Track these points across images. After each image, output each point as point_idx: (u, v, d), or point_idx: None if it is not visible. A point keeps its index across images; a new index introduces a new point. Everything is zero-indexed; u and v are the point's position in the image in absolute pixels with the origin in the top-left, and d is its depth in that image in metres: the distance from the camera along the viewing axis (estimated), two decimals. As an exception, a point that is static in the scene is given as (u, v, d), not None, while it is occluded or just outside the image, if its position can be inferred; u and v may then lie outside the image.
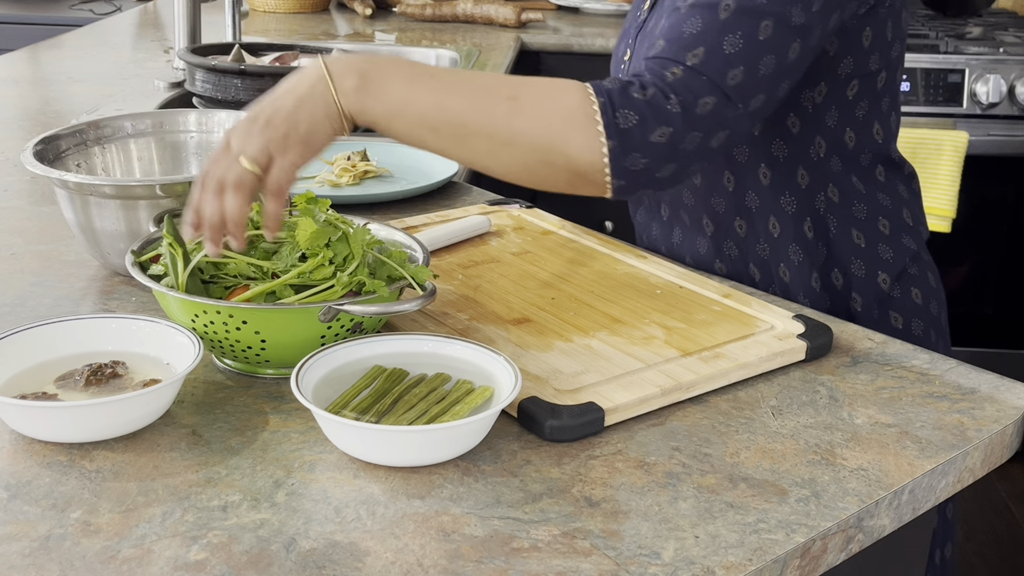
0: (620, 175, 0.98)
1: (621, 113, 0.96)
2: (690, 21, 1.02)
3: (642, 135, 0.96)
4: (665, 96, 0.97)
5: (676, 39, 1.02)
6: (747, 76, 1.01)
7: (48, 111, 1.92)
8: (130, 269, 0.96)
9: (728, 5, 1.01)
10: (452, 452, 0.83)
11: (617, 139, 0.96)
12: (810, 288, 1.23)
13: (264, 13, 3.10)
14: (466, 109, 0.96)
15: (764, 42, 1.01)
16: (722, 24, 1.01)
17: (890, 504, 0.82)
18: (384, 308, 0.90)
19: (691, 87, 0.99)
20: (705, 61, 1.00)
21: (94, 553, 0.71)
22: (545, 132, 0.96)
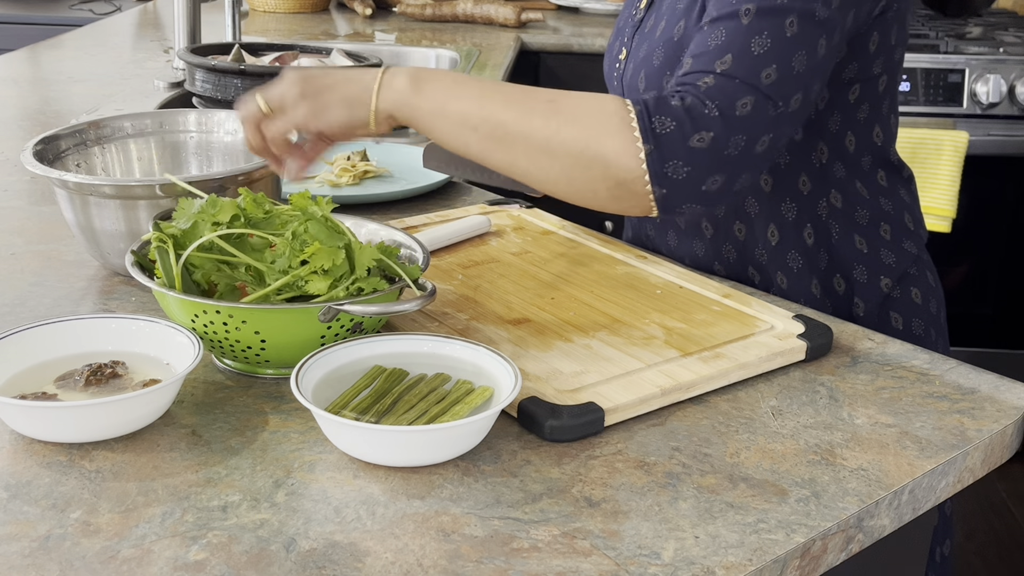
0: (661, 182, 0.96)
1: (657, 119, 0.96)
2: (713, 34, 1.02)
3: (681, 140, 0.96)
4: (702, 102, 0.97)
5: (702, 53, 1.01)
6: (781, 74, 0.99)
7: (48, 111, 1.92)
8: (130, 269, 0.96)
9: (748, 10, 1.01)
10: (452, 452, 0.83)
11: (654, 143, 0.96)
12: (810, 294, 1.23)
13: (264, 13, 3.10)
14: (505, 109, 0.98)
15: (792, 38, 1.00)
16: (746, 28, 1.00)
17: (890, 504, 0.82)
18: (384, 308, 0.90)
19: (726, 91, 0.98)
20: (735, 65, 0.99)
21: (94, 553, 0.71)
22: (581, 134, 0.97)
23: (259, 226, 0.96)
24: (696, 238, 1.27)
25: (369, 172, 1.51)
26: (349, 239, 0.94)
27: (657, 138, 0.96)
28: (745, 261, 1.25)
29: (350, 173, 1.49)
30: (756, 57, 0.99)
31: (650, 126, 0.96)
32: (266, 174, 1.15)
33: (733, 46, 1.00)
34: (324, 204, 0.96)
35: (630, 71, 1.24)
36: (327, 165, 1.53)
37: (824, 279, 1.23)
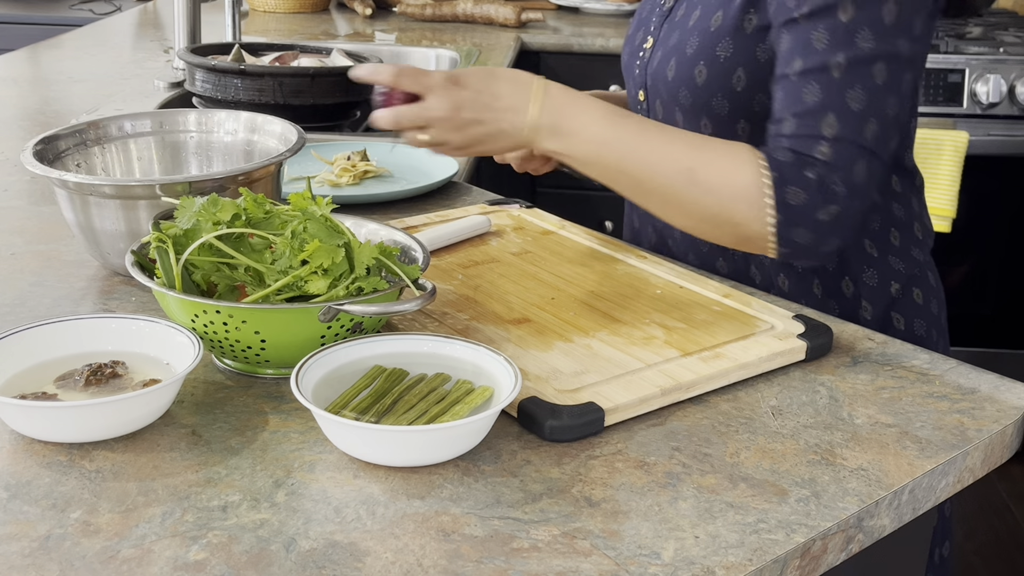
0: (786, 245, 1.04)
1: (791, 189, 1.02)
2: (807, 89, 1.04)
3: (810, 212, 1.02)
4: (830, 176, 1.02)
5: (803, 113, 1.05)
6: (880, 126, 1.04)
7: (48, 111, 1.92)
8: (130, 269, 0.95)
9: (839, 63, 1.03)
10: (452, 452, 0.82)
11: (785, 214, 1.02)
12: (811, 295, 1.23)
13: (264, 13, 3.10)
14: (645, 172, 1.05)
15: (883, 86, 1.04)
16: (839, 83, 1.03)
17: (890, 504, 0.82)
18: (384, 308, 0.90)
19: (843, 157, 1.03)
20: (841, 127, 1.03)
21: (94, 553, 0.71)
22: (716, 203, 1.04)
23: (259, 226, 0.96)
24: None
25: (369, 172, 1.51)
26: (348, 238, 0.94)
27: (788, 209, 1.02)
28: (749, 259, 1.25)
29: (350, 173, 1.49)
30: (856, 114, 1.03)
31: (783, 197, 1.02)
32: (266, 174, 1.15)
33: (832, 104, 1.03)
34: (323, 204, 0.96)
35: (657, 59, 1.24)
36: (327, 165, 1.53)
37: (831, 281, 1.22)
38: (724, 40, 1.15)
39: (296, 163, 1.54)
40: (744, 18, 1.13)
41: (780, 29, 1.08)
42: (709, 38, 1.16)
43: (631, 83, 1.34)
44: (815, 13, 1.04)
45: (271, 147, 1.26)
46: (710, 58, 1.16)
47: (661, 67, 1.23)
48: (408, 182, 1.49)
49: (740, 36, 1.14)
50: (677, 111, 1.22)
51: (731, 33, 1.14)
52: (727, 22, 1.15)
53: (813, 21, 1.05)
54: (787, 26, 1.07)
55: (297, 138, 1.21)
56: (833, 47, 1.03)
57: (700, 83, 1.17)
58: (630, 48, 1.35)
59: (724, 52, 1.15)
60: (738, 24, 1.14)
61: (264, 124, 1.29)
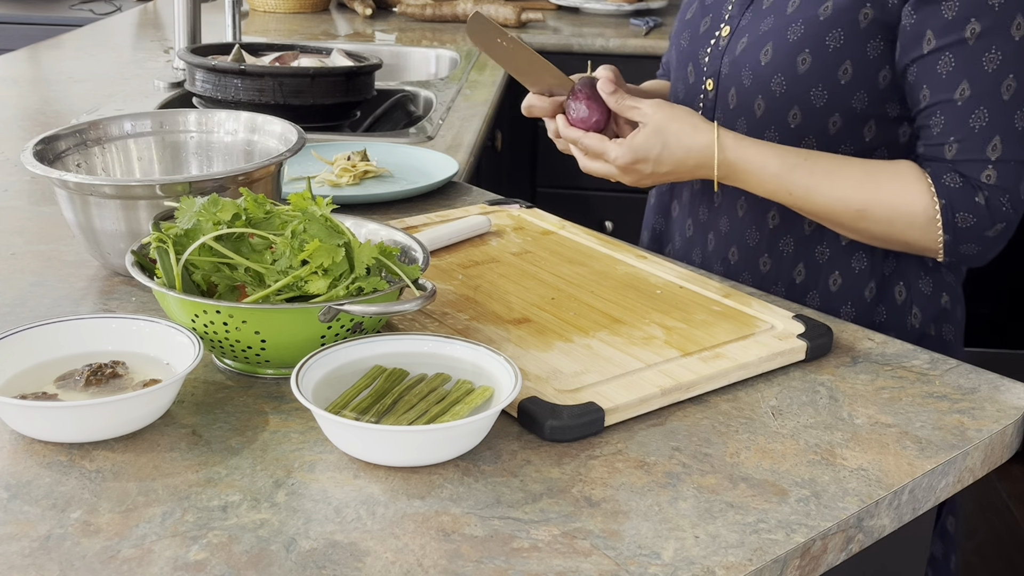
0: (952, 256, 1.13)
1: (960, 215, 1.09)
2: (976, 114, 1.08)
3: (978, 231, 1.10)
4: (998, 199, 1.09)
5: (968, 137, 1.09)
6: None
7: (48, 111, 1.92)
8: (130, 269, 0.96)
9: (1010, 85, 1.07)
10: (452, 452, 0.83)
11: (952, 234, 1.10)
12: (860, 297, 1.22)
13: (264, 13, 3.10)
14: (818, 212, 1.15)
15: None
16: (1008, 105, 1.07)
17: (890, 504, 0.82)
18: (384, 308, 0.90)
19: (1008, 179, 1.09)
20: (1006, 149, 1.08)
21: (94, 553, 0.71)
22: (889, 233, 1.14)
23: (259, 226, 0.96)
24: (754, 226, 1.27)
25: (369, 172, 1.51)
26: (348, 238, 0.94)
27: (957, 231, 1.10)
28: (799, 256, 1.24)
29: (350, 173, 1.49)
30: (1022, 133, 1.08)
31: (952, 220, 1.10)
32: (266, 174, 1.15)
33: (998, 127, 1.08)
34: (323, 204, 0.96)
35: (742, 46, 1.22)
36: (327, 165, 1.53)
37: (885, 285, 1.22)
38: (835, 30, 1.14)
39: (296, 163, 1.54)
40: (859, 11, 1.12)
41: (943, 50, 1.09)
42: (818, 27, 1.15)
43: (694, 71, 1.30)
44: (988, 32, 1.06)
45: (271, 147, 1.26)
46: (817, 47, 1.15)
47: (749, 54, 1.20)
48: (408, 182, 1.49)
49: (853, 28, 1.13)
50: (760, 99, 1.20)
51: (843, 24, 1.13)
52: (839, 12, 1.13)
53: (985, 40, 1.06)
54: (952, 48, 1.08)
55: (297, 138, 1.21)
56: (1005, 68, 1.06)
57: (802, 71, 1.16)
58: (691, 33, 1.31)
59: (833, 43, 1.14)
60: (852, 16, 1.13)
61: (264, 124, 1.29)
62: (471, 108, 2.04)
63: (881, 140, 1.18)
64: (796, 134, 1.18)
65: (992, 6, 1.06)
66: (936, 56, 1.09)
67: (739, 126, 1.22)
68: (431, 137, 1.82)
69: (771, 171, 1.13)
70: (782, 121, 1.18)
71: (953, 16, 1.07)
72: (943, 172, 1.10)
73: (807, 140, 1.18)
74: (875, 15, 1.12)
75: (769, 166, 1.13)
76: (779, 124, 1.19)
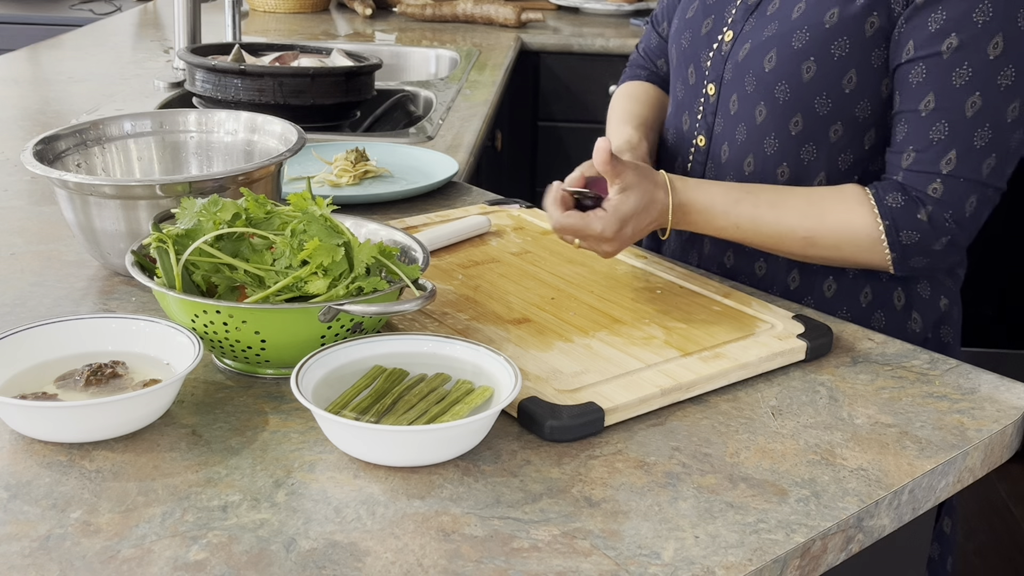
0: (903, 271, 1.14)
1: (904, 233, 1.10)
2: (936, 127, 1.08)
3: (924, 246, 1.11)
4: (941, 214, 1.09)
5: (926, 148, 1.09)
6: (1000, 159, 1.08)
7: (48, 111, 1.92)
8: (130, 269, 0.96)
9: (975, 103, 1.06)
10: (452, 452, 0.83)
11: (900, 252, 1.11)
12: (856, 302, 1.22)
13: (264, 13, 3.10)
14: (768, 244, 1.15)
15: (1013, 123, 1.07)
16: (969, 122, 1.07)
17: (890, 504, 0.82)
18: (384, 308, 0.90)
19: (956, 196, 1.09)
20: (959, 165, 1.08)
21: (94, 553, 0.71)
22: (835, 255, 1.15)
23: (260, 226, 0.96)
24: None
25: (369, 172, 1.51)
26: (348, 238, 0.94)
27: (904, 248, 1.11)
28: (794, 262, 1.23)
29: (350, 173, 1.49)
30: (978, 151, 1.07)
31: (897, 239, 1.11)
32: (266, 174, 1.15)
33: (956, 142, 1.07)
34: (323, 204, 0.96)
35: (745, 52, 1.20)
36: (327, 165, 1.53)
37: (882, 290, 1.22)
38: (841, 38, 1.13)
39: (296, 163, 1.54)
40: (866, 19, 1.12)
41: (917, 61, 1.08)
42: (823, 34, 1.14)
43: (695, 73, 1.29)
44: (963, 47, 1.06)
45: (271, 147, 1.26)
46: (822, 55, 1.14)
47: (753, 59, 1.19)
48: (408, 182, 1.49)
49: (859, 37, 1.12)
50: (763, 106, 1.19)
51: (850, 32, 1.13)
52: (846, 21, 1.12)
53: (959, 55, 1.06)
54: (927, 60, 1.08)
55: (297, 138, 1.21)
56: (972, 85, 1.06)
57: (807, 79, 1.15)
58: (692, 34, 1.30)
59: (839, 51, 1.13)
60: (859, 24, 1.12)
61: (264, 124, 1.29)
62: (471, 108, 2.04)
63: (881, 148, 1.17)
64: (797, 141, 1.18)
65: (975, 23, 1.05)
66: (911, 66, 1.09)
67: (739, 132, 1.22)
68: (431, 137, 1.82)
69: (718, 208, 1.13)
70: (783, 128, 1.18)
71: (936, 29, 1.07)
72: (887, 192, 1.10)
73: (807, 147, 1.18)
74: (881, 24, 1.11)
75: (715, 204, 1.13)
76: (780, 131, 1.18)
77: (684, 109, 1.31)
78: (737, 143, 1.22)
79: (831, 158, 1.18)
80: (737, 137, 1.22)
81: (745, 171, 1.22)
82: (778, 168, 1.20)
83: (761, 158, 1.20)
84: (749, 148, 1.21)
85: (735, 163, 1.23)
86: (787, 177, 1.20)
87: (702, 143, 1.27)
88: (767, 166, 1.20)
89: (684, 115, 1.30)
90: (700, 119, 1.28)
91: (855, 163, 1.18)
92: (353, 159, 1.51)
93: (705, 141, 1.27)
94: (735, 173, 1.23)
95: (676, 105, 1.33)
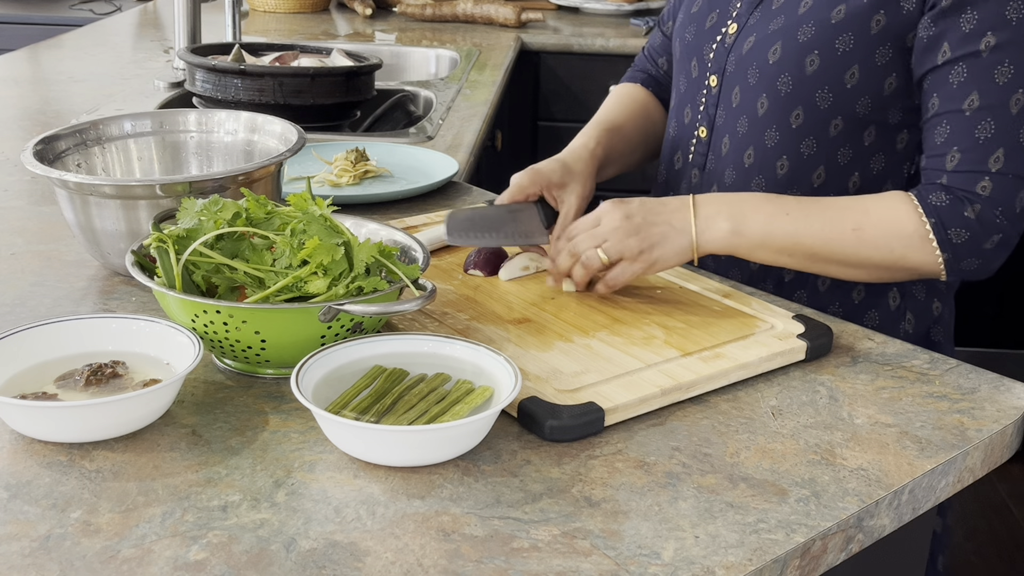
0: (956, 275, 1.11)
1: (953, 231, 1.08)
2: (982, 125, 1.07)
3: (975, 245, 1.09)
4: (991, 211, 1.08)
5: (972, 147, 1.08)
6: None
7: (48, 111, 1.92)
8: (130, 269, 0.96)
9: (1019, 99, 1.06)
10: (452, 452, 0.83)
11: (951, 252, 1.09)
12: (848, 298, 1.22)
13: (264, 13, 3.10)
14: (816, 242, 1.09)
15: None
16: (1015, 119, 1.06)
17: (890, 504, 0.82)
18: (384, 308, 0.90)
19: (1005, 193, 1.08)
20: (1008, 162, 1.07)
21: (94, 553, 0.71)
22: (887, 256, 1.10)
23: (260, 227, 0.96)
24: None
25: (369, 172, 1.51)
26: (347, 238, 0.94)
27: (954, 248, 1.08)
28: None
29: (350, 173, 1.49)
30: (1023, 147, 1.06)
31: (947, 237, 1.08)
32: (266, 174, 1.15)
33: (1003, 139, 1.07)
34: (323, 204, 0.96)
35: (749, 44, 1.21)
36: (327, 165, 1.53)
37: (876, 291, 1.22)
38: (845, 34, 1.13)
39: (296, 163, 1.54)
40: (872, 17, 1.12)
41: (956, 62, 1.08)
42: (829, 29, 1.14)
43: (697, 66, 1.29)
44: (1002, 45, 1.06)
45: (271, 147, 1.26)
46: (827, 50, 1.14)
47: (757, 52, 1.20)
48: (408, 182, 1.49)
49: (864, 34, 1.13)
50: (765, 98, 1.19)
51: (855, 29, 1.13)
52: (852, 17, 1.13)
53: (999, 54, 1.06)
54: (966, 59, 1.07)
55: (297, 138, 1.21)
56: (1015, 82, 1.06)
57: (809, 72, 1.16)
58: (697, 27, 1.30)
59: (843, 46, 1.14)
60: (864, 21, 1.12)
61: (264, 124, 1.29)
62: (471, 108, 2.04)
63: (880, 146, 1.18)
64: (797, 134, 1.18)
65: (1010, 20, 1.06)
66: (949, 67, 1.09)
67: (740, 125, 1.22)
68: (431, 137, 1.82)
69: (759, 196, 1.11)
70: (784, 121, 1.18)
71: (971, 29, 1.07)
72: (930, 192, 1.09)
73: (807, 141, 1.18)
74: (887, 22, 1.11)
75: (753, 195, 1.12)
76: (781, 124, 1.19)
77: (686, 102, 1.31)
78: (738, 135, 1.23)
79: (830, 153, 1.18)
80: (738, 129, 1.22)
81: (745, 163, 1.23)
82: (778, 161, 1.20)
83: (761, 151, 1.21)
84: (750, 141, 1.22)
85: (735, 155, 1.23)
86: (786, 171, 1.20)
87: (703, 135, 1.28)
88: (767, 159, 1.21)
89: (686, 108, 1.31)
90: (702, 111, 1.28)
91: (854, 159, 1.18)
92: (353, 159, 1.51)
93: (707, 133, 1.28)
94: (735, 165, 1.24)
95: (678, 99, 1.34)
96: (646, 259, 1.08)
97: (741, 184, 1.24)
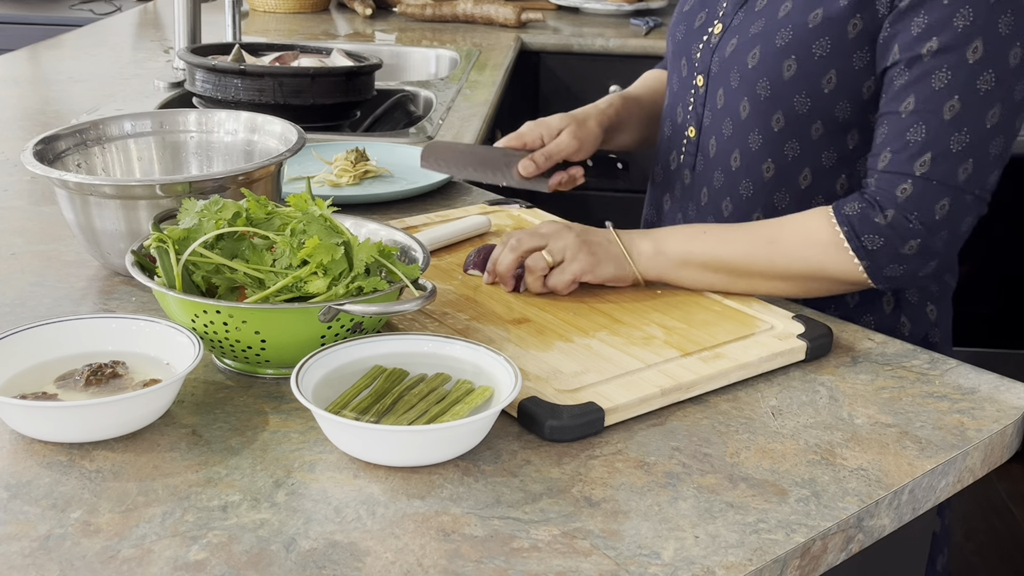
0: (883, 282, 1.10)
1: (866, 238, 1.07)
2: (913, 129, 1.07)
3: (892, 251, 1.07)
4: (904, 216, 1.06)
5: (902, 149, 1.07)
6: (977, 165, 1.06)
7: (48, 111, 1.92)
8: (130, 269, 0.96)
9: (953, 106, 1.05)
10: (452, 452, 0.83)
11: (869, 259, 1.08)
12: (843, 302, 1.22)
13: (264, 13, 3.10)
14: (734, 257, 1.11)
15: (992, 128, 1.05)
16: (948, 124, 1.05)
17: (890, 504, 0.82)
18: (384, 308, 0.90)
19: (925, 198, 1.06)
20: (933, 167, 1.06)
21: (94, 553, 0.71)
22: (805, 266, 1.10)
23: (260, 227, 0.96)
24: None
25: (369, 172, 1.51)
26: (347, 238, 0.94)
27: (871, 254, 1.07)
28: None
29: (350, 173, 1.49)
30: (954, 155, 1.05)
31: (861, 244, 1.07)
32: (266, 174, 1.15)
33: (933, 145, 1.06)
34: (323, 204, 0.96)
35: (732, 46, 1.21)
36: (327, 165, 1.53)
37: (872, 295, 1.22)
38: (823, 39, 1.13)
39: (296, 163, 1.54)
40: (850, 21, 1.12)
41: (900, 64, 1.08)
42: (806, 33, 1.14)
43: (686, 65, 1.30)
44: (943, 50, 1.05)
45: (271, 147, 1.26)
46: (804, 54, 1.14)
47: (738, 55, 1.20)
48: (408, 182, 1.49)
49: (841, 38, 1.12)
50: (746, 101, 1.20)
51: (832, 33, 1.12)
52: (829, 21, 1.13)
53: (939, 59, 1.05)
54: (909, 62, 1.07)
55: (297, 138, 1.21)
56: (952, 88, 1.05)
57: (787, 77, 1.15)
58: (687, 27, 1.31)
59: (820, 51, 1.13)
60: (841, 26, 1.12)
61: (264, 124, 1.29)
62: (471, 108, 2.04)
63: (865, 149, 1.17)
64: (780, 137, 1.19)
65: (956, 27, 1.05)
66: (895, 69, 1.09)
67: (726, 127, 1.23)
68: (431, 137, 1.82)
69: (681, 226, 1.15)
70: (766, 124, 1.19)
71: (918, 32, 1.07)
72: (846, 202, 1.09)
73: (791, 144, 1.18)
74: (864, 26, 1.11)
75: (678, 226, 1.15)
76: (763, 127, 1.19)
77: (678, 101, 1.32)
78: (724, 137, 1.23)
79: (815, 156, 1.19)
80: (724, 131, 1.23)
81: (732, 166, 1.23)
82: (763, 163, 1.20)
83: (747, 154, 1.21)
84: (735, 143, 1.22)
85: (723, 157, 1.24)
86: (772, 173, 1.21)
87: (692, 134, 1.29)
88: (753, 161, 1.21)
89: (678, 107, 1.32)
90: (691, 110, 1.29)
91: (840, 161, 1.19)
92: (353, 159, 1.51)
93: (695, 132, 1.28)
94: (723, 168, 1.24)
95: (671, 98, 1.34)
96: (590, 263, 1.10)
97: (730, 185, 1.24)
